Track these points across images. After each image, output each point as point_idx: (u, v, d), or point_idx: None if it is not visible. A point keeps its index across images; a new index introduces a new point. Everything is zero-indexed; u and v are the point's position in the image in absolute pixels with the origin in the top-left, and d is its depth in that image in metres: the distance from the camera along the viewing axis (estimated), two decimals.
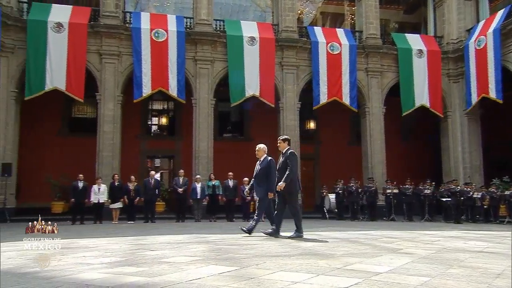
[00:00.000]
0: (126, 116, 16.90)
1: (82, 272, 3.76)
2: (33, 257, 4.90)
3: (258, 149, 7.23)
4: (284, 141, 6.89)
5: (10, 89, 14.78)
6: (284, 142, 6.87)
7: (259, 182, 7.08)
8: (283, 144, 6.87)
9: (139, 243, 6.48)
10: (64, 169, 16.17)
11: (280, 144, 6.91)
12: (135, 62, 15.90)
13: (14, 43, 14.91)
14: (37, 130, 17.47)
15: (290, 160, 6.60)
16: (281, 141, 6.92)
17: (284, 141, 6.89)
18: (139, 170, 18.25)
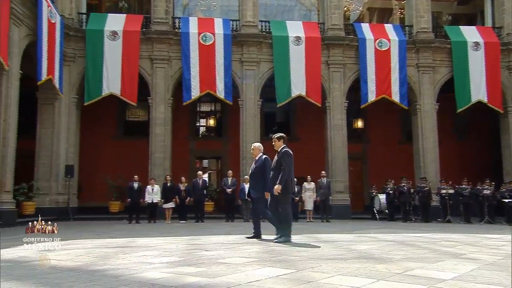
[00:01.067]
0: (176, 118, 17.45)
1: (145, 271, 3.95)
2: (99, 255, 5.23)
3: (253, 148, 6.99)
4: (279, 139, 6.54)
5: (71, 95, 15.82)
6: (279, 140, 6.52)
7: (255, 182, 6.85)
8: (278, 143, 6.53)
9: (194, 243, 6.68)
10: (120, 170, 17.01)
11: (275, 142, 6.57)
12: (184, 66, 16.39)
13: (74, 52, 15.94)
14: (95, 134, 18.49)
15: (284, 159, 6.29)
16: (276, 139, 6.57)
17: (279, 139, 6.54)
18: (189, 170, 18.77)
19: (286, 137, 6.66)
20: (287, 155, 6.33)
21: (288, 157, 6.31)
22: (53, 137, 15.14)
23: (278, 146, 6.50)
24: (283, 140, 6.51)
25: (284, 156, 6.32)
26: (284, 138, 6.57)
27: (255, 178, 6.84)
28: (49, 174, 14.91)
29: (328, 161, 17.24)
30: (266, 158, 6.76)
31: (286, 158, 6.30)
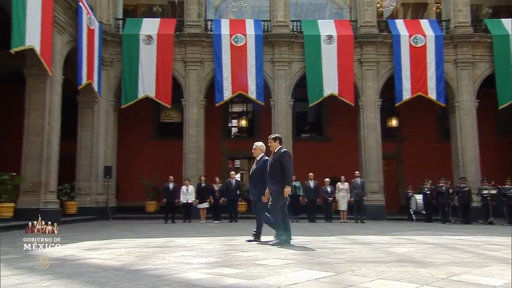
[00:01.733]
0: (208, 119, 17.69)
1: (185, 271, 4.04)
2: (140, 255, 5.39)
3: (255, 147, 6.72)
4: (275, 140, 6.37)
5: (109, 98, 16.42)
6: (275, 141, 6.36)
7: (255, 183, 6.66)
8: (274, 144, 6.35)
9: (230, 243, 6.75)
10: (155, 170, 17.45)
11: (271, 143, 6.39)
12: (216, 68, 16.59)
13: (112, 57, 16.53)
14: (131, 135, 19.03)
15: (286, 159, 6.11)
16: (272, 140, 6.39)
17: (275, 140, 6.37)
18: (221, 171, 18.97)
19: (282, 138, 6.55)
20: (287, 155, 6.18)
21: (289, 157, 6.17)
22: (93, 139, 15.75)
23: (274, 147, 6.34)
24: (279, 141, 6.37)
25: (285, 156, 6.15)
26: (280, 139, 6.44)
27: (255, 179, 6.69)
28: (89, 175, 15.53)
29: (361, 161, 16.96)
30: (267, 159, 6.52)
31: (287, 158, 6.13)
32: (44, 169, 12.18)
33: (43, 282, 3.57)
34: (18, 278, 3.81)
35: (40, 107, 12.33)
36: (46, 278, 3.75)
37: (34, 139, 12.17)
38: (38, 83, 12.30)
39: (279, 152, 6.23)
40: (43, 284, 3.49)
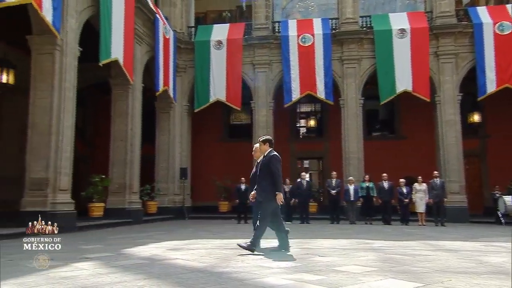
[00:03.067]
0: (277, 120, 17.79)
1: (266, 276, 4.11)
2: (220, 256, 5.59)
3: (255, 149, 6.33)
4: (264, 142, 5.99)
5: (183, 103, 17.27)
6: (265, 144, 5.98)
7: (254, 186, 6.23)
8: (263, 147, 5.99)
9: (306, 247, 6.74)
10: (227, 171, 17.97)
11: (261, 146, 6.05)
12: (284, 69, 16.65)
13: (185, 63, 17.37)
14: (204, 137, 19.78)
15: (274, 165, 5.76)
16: (261, 142, 6.04)
17: (264, 142, 5.99)
18: (290, 171, 18.97)
19: (272, 140, 6.11)
20: (276, 159, 5.82)
21: (277, 162, 5.82)
22: (169, 142, 16.67)
23: (264, 150, 5.99)
24: (269, 144, 5.99)
25: (273, 161, 5.79)
26: (269, 141, 6.03)
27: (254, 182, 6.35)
28: (166, 176, 16.47)
29: (440, 160, 15.95)
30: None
31: (276, 164, 5.78)
32: (128, 172, 13.16)
33: (137, 282, 3.85)
34: (116, 276, 4.15)
35: (123, 114, 13.34)
36: (139, 278, 4.05)
37: (119, 144, 13.20)
38: (121, 92, 13.33)
39: (268, 156, 5.90)
40: (137, 284, 3.76)
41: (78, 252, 6.15)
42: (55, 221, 9.32)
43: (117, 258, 5.52)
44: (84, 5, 11.01)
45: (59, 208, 9.72)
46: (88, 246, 7.14)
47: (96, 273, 4.36)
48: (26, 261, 5.34)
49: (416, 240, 7.76)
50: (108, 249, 6.50)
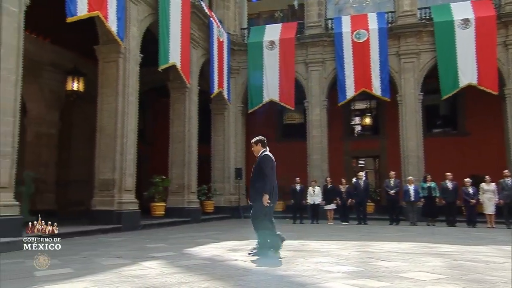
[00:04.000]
0: (331, 119, 17.51)
1: (328, 281, 4.06)
2: (282, 258, 5.61)
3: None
4: (257, 143, 5.83)
5: (237, 104, 17.56)
6: (257, 145, 5.82)
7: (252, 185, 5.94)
8: (256, 147, 5.83)
9: (366, 250, 6.58)
10: (280, 171, 17.73)
11: (253, 147, 5.89)
12: (338, 67, 16.33)
13: (238, 65, 17.63)
14: None
15: (264, 164, 5.61)
16: (253, 144, 5.87)
17: (257, 143, 5.83)
18: (344, 171, 18.59)
19: (265, 140, 5.92)
20: (267, 159, 5.68)
21: (268, 161, 5.67)
22: (224, 143, 17.03)
23: (258, 151, 5.84)
24: (261, 144, 5.84)
25: (264, 160, 5.66)
26: (262, 141, 5.86)
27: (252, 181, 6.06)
28: (222, 177, 16.84)
29: (510, 157, 14.83)
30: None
31: (267, 162, 5.65)
32: (186, 172, 13.63)
33: (202, 283, 3.98)
34: (181, 276, 4.32)
35: (181, 116, 13.84)
36: (203, 279, 4.18)
37: (177, 145, 13.71)
38: (179, 95, 13.85)
39: (260, 156, 5.78)
40: (202, 285, 3.89)
41: (144, 251, 6.48)
42: (121, 220, 10.00)
43: (181, 258, 5.73)
44: (144, 14, 11.57)
45: (124, 208, 10.30)
46: (153, 244, 7.49)
47: (162, 272, 4.56)
48: (99, 258, 5.75)
49: (487, 245, 7.28)
50: (171, 248, 6.78)
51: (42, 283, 3.97)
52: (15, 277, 4.39)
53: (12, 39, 7.41)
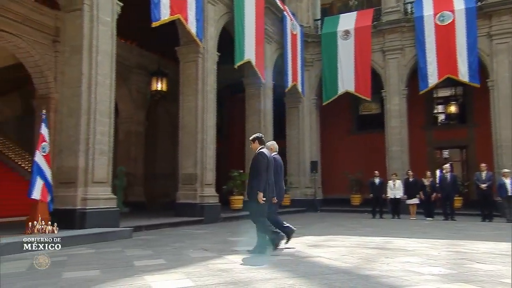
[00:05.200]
0: (411, 108, 16.58)
1: (419, 284, 3.86)
2: (362, 256, 5.48)
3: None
4: (254, 141, 5.75)
5: (311, 97, 17.41)
6: (254, 142, 5.74)
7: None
8: (253, 145, 5.75)
9: (458, 250, 6.14)
10: (357, 163, 17.54)
11: (251, 145, 5.83)
12: (419, 53, 15.37)
13: (312, 57, 17.45)
14: (332, 130, 19.58)
15: (257, 162, 5.52)
16: (251, 141, 5.82)
17: (254, 141, 5.75)
18: (427, 162, 17.54)
19: (262, 137, 5.80)
20: (260, 156, 5.56)
21: (262, 159, 5.52)
22: (299, 137, 17.03)
23: (255, 149, 5.73)
24: (258, 141, 5.73)
25: (259, 157, 5.55)
26: (259, 138, 5.75)
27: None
28: (297, 170, 16.88)
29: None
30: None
31: (260, 159, 5.53)
32: None
33: (287, 280, 4.01)
34: (266, 272, 4.41)
35: (256, 112, 14.10)
36: (287, 276, 4.21)
37: None
38: (254, 91, 14.11)
39: (255, 154, 5.71)
40: (287, 282, 3.92)
41: (227, 244, 6.74)
42: (203, 212, 10.49)
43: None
44: (220, 13, 11.93)
45: (206, 201, 10.81)
46: (234, 238, 7.77)
47: (247, 267, 4.69)
48: (187, 250, 6.10)
49: None
50: (253, 243, 6.93)
51: (141, 273, 4.31)
52: (117, 266, 4.83)
53: (106, 46, 8.11)
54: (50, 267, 4.57)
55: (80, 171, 7.67)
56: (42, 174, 6.81)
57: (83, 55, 7.80)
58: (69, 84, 7.96)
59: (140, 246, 6.55)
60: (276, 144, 6.44)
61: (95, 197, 7.67)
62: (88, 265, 4.88)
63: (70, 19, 8.01)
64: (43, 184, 6.79)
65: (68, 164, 7.78)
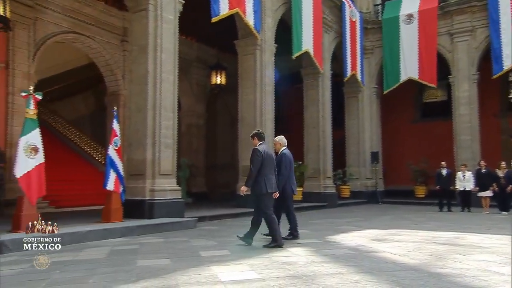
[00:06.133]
0: (482, 94, 15.41)
1: (498, 284, 3.62)
2: (432, 253, 5.22)
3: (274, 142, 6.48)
4: (253, 137, 5.81)
5: (371, 86, 16.86)
6: (253, 139, 5.78)
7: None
8: (253, 141, 5.79)
9: None
10: (421, 153, 16.74)
11: (252, 141, 5.84)
12: (493, 34, 14.20)
13: (372, 44, 16.83)
14: (394, 119, 18.80)
15: (251, 158, 5.59)
16: (251, 138, 5.88)
17: (253, 137, 5.81)
18: (500, 152, 16.24)
19: (261, 133, 5.85)
20: (255, 152, 5.60)
21: (255, 156, 5.56)
22: (359, 127, 16.58)
23: (254, 145, 5.77)
24: (257, 137, 5.77)
25: (253, 154, 5.62)
26: (257, 134, 5.80)
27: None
28: (357, 161, 16.49)
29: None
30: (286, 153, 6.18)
31: (254, 155, 5.59)
32: (321, 157, 13.74)
33: (352, 276, 3.93)
34: (329, 266, 4.36)
35: (315, 102, 13.93)
36: (352, 271, 4.13)
37: (312, 131, 13.87)
38: (312, 81, 13.93)
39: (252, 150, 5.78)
40: (353, 278, 3.84)
41: None
42: None
43: (325, 246, 5.81)
44: (278, 4, 11.89)
45: None
46: None
47: (310, 261, 4.67)
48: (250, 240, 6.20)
49: None
50: (314, 235, 6.93)
51: (208, 263, 4.47)
52: (185, 255, 5.06)
53: (169, 44, 8.43)
54: (125, 255, 4.91)
55: (147, 164, 8.10)
56: (114, 167, 7.29)
57: (148, 53, 8.17)
58: (137, 81, 8.39)
59: (204, 236, 6.79)
60: (284, 138, 6.53)
61: (162, 188, 8.05)
62: (159, 254, 5.16)
63: (137, 20, 8.41)
64: (116, 176, 7.26)
65: (137, 157, 8.24)
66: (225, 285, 3.56)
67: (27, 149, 6.03)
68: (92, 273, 4.07)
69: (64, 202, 11.13)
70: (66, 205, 10.97)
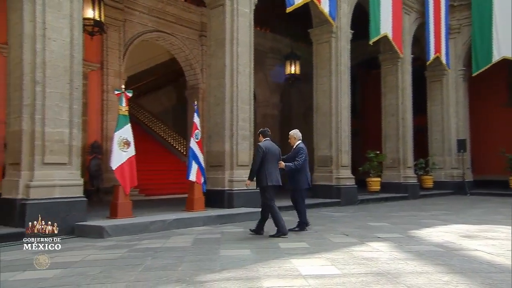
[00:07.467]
0: None
1: None
2: None
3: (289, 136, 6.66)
4: (259, 135, 6.27)
5: (458, 68, 15.54)
6: (259, 136, 6.24)
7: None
8: (259, 138, 6.24)
9: None
10: None
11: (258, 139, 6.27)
12: None
13: (459, 23, 15.47)
14: (484, 104, 17.17)
15: (254, 153, 6.13)
16: (258, 135, 6.33)
17: (259, 135, 6.27)
18: None
19: (266, 131, 6.23)
20: (256, 150, 6.06)
21: (257, 152, 5.99)
22: (443, 113, 15.45)
23: (260, 141, 6.18)
24: (262, 135, 6.19)
25: (256, 149, 6.08)
26: (262, 132, 6.21)
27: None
28: (441, 149, 15.41)
29: None
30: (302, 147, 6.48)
31: (256, 151, 6.04)
32: (401, 146, 13.09)
33: (441, 276, 3.71)
34: (414, 264, 4.16)
35: (393, 88, 13.25)
36: (441, 270, 3.89)
37: (391, 119, 13.25)
38: (391, 66, 13.24)
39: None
40: (442, 278, 3.62)
41: (368, 230, 6.59)
42: (340, 195, 10.46)
43: (408, 241, 5.56)
44: None
45: (342, 183, 10.73)
46: (375, 223, 7.55)
47: (393, 257, 4.51)
48: (328, 234, 6.18)
49: None
50: (395, 229, 6.67)
51: (288, 256, 4.54)
52: (265, 247, 5.17)
53: (245, 37, 8.58)
54: (209, 243, 5.18)
55: (226, 155, 8.41)
56: (196, 159, 7.68)
57: (225, 47, 8.40)
58: (215, 75, 8.69)
59: None
60: (299, 132, 6.67)
61: (240, 179, 8.30)
62: (240, 244, 5.35)
63: (214, 15, 8.67)
64: (197, 167, 7.66)
65: (216, 148, 8.58)
66: (306, 279, 3.58)
67: (120, 143, 6.61)
68: (180, 261, 4.36)
69: (152, 190, 12.03)
70: (154, 194, 11.85)
